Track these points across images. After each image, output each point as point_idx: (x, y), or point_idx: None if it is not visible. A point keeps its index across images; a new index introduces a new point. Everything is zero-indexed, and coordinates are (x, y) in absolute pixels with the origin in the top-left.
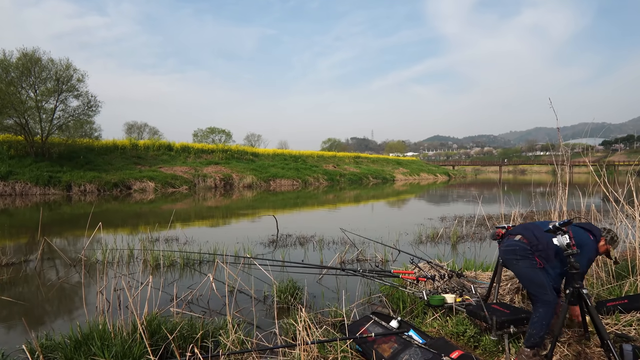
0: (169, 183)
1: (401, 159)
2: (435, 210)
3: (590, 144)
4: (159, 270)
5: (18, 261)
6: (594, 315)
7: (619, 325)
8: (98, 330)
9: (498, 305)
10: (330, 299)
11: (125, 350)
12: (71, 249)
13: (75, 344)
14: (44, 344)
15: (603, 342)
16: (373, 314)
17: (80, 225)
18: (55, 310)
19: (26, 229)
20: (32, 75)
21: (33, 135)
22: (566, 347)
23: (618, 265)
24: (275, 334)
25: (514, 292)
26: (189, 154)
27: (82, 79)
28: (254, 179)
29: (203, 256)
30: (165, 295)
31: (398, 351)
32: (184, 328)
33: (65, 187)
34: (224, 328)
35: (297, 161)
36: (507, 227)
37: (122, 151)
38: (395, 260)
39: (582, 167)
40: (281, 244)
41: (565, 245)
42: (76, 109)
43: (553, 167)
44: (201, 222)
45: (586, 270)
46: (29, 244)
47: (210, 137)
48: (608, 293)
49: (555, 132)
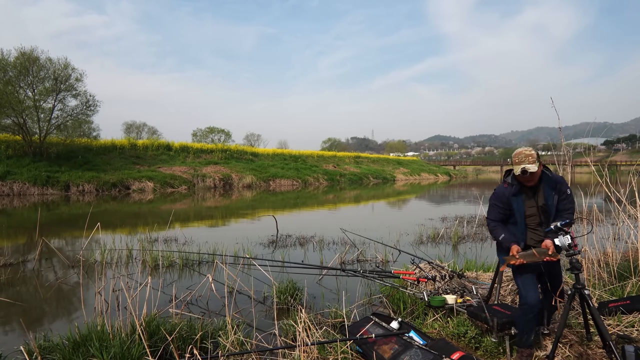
0: (167, 183)
1: (402, 158)
2: (436, 211)
3: (592, 144)
4: (158, 270)
5: (16, 262)
6: (595, 316)
7: (621, 326)
8: (96, 332)
9: (499, 307)
10: (330, 300)
11: (124, 352)
12: (69, 250)
13: (73, 345)
14: (42, 345)
15: (605, 343)
16: (373, 315)
17: (79, 225)
18: (53, 311)
19: (24, 229)
20: (30, 74)
21: (31, 135)
22: (568, 348)
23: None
24: (275, 335)
25: (515, 293)
26: (188, 153)
27: (80, 78)
28: (253, 179)
29: (202, 257)
30: (164, 296)
31: (399, 352)
32: (183, 329)
33: (64, 187)
34: (224, 329)
35: (297, 161)
36: None
37: (121, 151)
38: (395, 261)
39: (583, 167)
40: (281, 245)
41: (567, 246)
42: (74, 109)
43: (555, 167)
44: (200, 222)
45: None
46: (27, 244)
47: (210, 136)
48: (610, 294)
49: (557, 131)
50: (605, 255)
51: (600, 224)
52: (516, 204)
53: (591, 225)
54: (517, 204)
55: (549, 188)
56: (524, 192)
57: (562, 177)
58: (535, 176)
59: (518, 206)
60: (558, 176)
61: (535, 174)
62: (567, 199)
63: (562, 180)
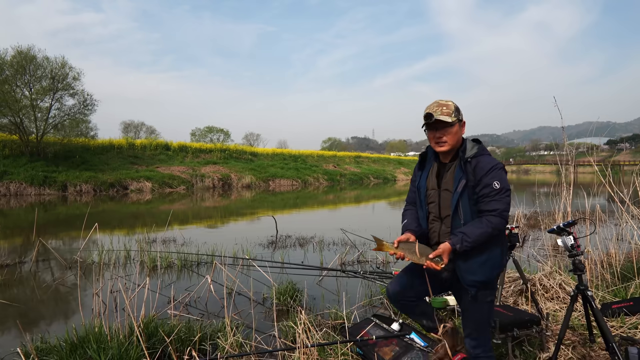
0: (166, 183)
1: (403, 158)
2: None
3: (595, 143)
4: (156, 271)
5: (13, 263)
6: (599, 318)
7: (624, 328)
8: (94, 333)
9: (501, 308)
10: (330, 301)
11: (122, 354)
12: (67, 250)
13: (70, 347)
14: (39, 347)
15: (608, 345)
16: (374, 316)
17: (76, 226)
18: (50, 312)
19: (21, 229)
20: (27, 73)
21: (28, 134)
22: (570, 350)
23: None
24: (275, 337)
25: (517, 295)
26: (186, 153)
27: (78, 77)
28: (252, 179)
29: (201, 257)
30: (162, 298)
31: (399, 354)
32: (181, 331)
33: (61, 187)
34: (222, 331)
35: (296, 161)
36: (510, 227)
37: (119, 151)
38: (396, 262)
39: (586, 166)
40: (280, 245)
41: (569, 247)
42: (72, 108)
43: (557, 166)
44: (199, 223)
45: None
46: (24, 245)
47: (209, 136)
48: (613, 295)
49: (560, 131)
50: (609, 256)
51: (604, 224)
52: (418, 180)
53: (594, 226)
54: (420, 180)
55: (460, 170)
56: (432, 166)
57: (495, 163)
58: (449, 137)
59: (420, 184)
60: (488, 159)
61: (448, 133)
62: (489, 196)
63: (489, 165)
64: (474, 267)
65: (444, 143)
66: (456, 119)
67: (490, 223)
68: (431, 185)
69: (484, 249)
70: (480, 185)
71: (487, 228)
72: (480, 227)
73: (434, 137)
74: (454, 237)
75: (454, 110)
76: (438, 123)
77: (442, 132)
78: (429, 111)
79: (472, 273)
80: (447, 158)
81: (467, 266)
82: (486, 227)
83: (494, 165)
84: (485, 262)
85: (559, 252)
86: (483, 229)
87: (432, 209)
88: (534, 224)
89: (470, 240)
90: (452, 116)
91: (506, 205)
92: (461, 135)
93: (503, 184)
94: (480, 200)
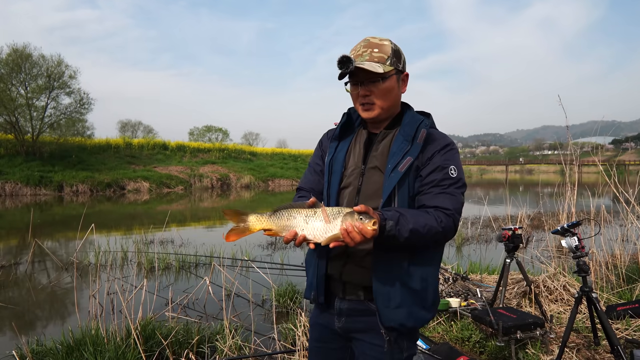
0: (164, 183)
1: None
2: None
3: (600, 143)
4: (154, 273)
5: (8, 264)
6: (603, 320)
7: (629, 330)
8: (91, 336)
9: (504, 310)
10: None
11: (119, 356)
12: (63, 252)
13: (67, 350)
14: (34, 350)
15: (613, 347)
16: None
17: (72, 226)
18: (46, 314)
19: (16, 230)
20: (22, 71)
21: (23, 133)
22: (575, 352)
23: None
24: (274, 339)
25: (520, 296)
26: (184, 153)
27: (74, 75)
28: (252, 178)
29: (199, 259)
30: (160, 299)
31: None
32: (179, 333)
33: (57, 188)
34: (221, 333)
35: (296, 160)
36: (513, 228)
37: (116, 150)
38: None
39: (591, 166)
40: (280, 247)
41: (574, 248)
42: (68, 107)
43: (561, 166)
44: (197, 223)
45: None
46: (20, 246)
47: (207, 135)
48: (618, 297)
49: (564, 130)
50: (614, 258)
51: (608, 225)
52: (331, 155)
53: (599, 227)
54: (335, 154)
55: (403, 140)
56: (357, 135)
57: (451, 140)
58: (379, 97)
59: (333, 160)
60: (441, 133)
61: (378, 90)
62: (439, 185)
63: (445, 141)
64: (398, 297)
65: (370, 105)
66: (393, 69)
67: (440, 221)
68: (353, 162)
69: (417, 263)
70: (430, 166)
71: (435, 224)
72: (426, 216)
73: (357, 95)
74: (385, 211)
75: (391, 54)
76: (361, 73)
77: (369, 89)
78: (348, 54)
79: (396, 306)
80: (379, 127)
81: (384, 291)
82: (434, 222)
83: (450, 143)
84: (421, 290)
85: (563, 253)
86: (429, 221)
87: (346, 198)
88: (537, 224)
89: (409, 227)
90: (387, 64)
91: (460, 205)
92: (400, 95)
93: (460, 173)
94: (426, 189)
